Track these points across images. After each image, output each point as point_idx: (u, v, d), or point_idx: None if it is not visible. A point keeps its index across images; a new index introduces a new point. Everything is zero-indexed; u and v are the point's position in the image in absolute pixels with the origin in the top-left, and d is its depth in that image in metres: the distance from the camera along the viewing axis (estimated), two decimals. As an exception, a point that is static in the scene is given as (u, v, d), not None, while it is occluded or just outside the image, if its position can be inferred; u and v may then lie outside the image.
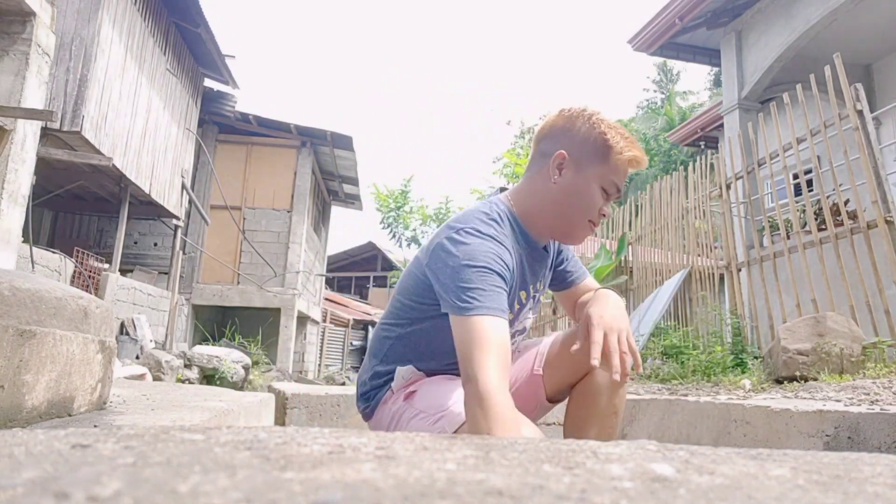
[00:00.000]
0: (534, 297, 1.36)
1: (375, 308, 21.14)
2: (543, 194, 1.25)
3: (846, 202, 4.47)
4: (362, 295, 24.62)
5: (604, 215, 1.24)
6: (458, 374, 1.18)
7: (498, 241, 1.16)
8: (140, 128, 8.45)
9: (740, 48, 7.63)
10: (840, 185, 4.32)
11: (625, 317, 1.20)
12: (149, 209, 9.58)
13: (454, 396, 1.16)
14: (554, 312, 9.66)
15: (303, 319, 13.16)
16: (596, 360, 1.09)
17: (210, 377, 7.48)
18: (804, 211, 4.59)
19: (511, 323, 1.27)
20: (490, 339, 1.02)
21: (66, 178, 8.32)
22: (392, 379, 1.31)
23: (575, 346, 1.16)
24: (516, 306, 1.28)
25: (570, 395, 1.36)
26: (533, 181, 1.28)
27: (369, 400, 1.35)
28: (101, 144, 7.26)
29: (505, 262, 1.14)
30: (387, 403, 1.30)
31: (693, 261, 6.10)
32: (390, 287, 19.27)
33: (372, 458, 0.47)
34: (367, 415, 1.38)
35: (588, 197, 1.22)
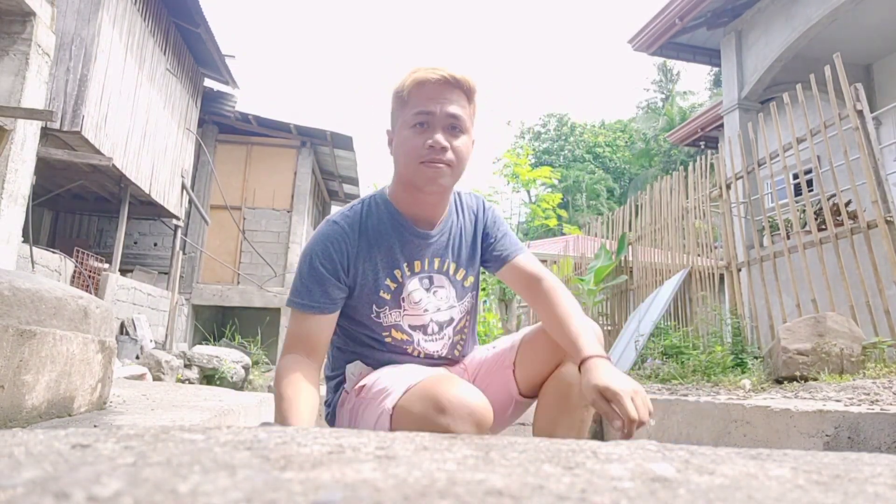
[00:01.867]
0: (427, 275, 1.31)
1: (375, 308, 21.14)
2: (393, 172, 1.29)
3: (846, 202, 4.47)
4: (362, 295, 24.61)
5: (434, 147, 1.17)
6: (403, 360, 1.30)
7: (333, 234, 1.24)
8: (140, 128, 8.45)
9: (740, 48, 7.63)
10: (840, 186, 4.33)
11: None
12: (149, 209, 9.58)
13: (400, 376, 1.19)
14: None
15: (303, 319, 13.16)
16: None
17: (210, 377, 7.48)
18: (804, 211, 4.59)
19: (397, 302, 1.28)
20: (293, 330, 1.23)
21: (66, 178, 8.32)
22: (343, 381, 1.35)
23: (616, 423, 1.05)
24: (391, 284, 1.27)
25: (542, 388, 1.31)
26: None
27: (329, 406, 1.39)
28: (101, 144, 7.27)
29: (330, 251, 1.23)
30: (343, 405, 1.33)
31: (693, 261, 6.10)
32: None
33: (372, 458, 0.47)
34: (330, 422, 1.39)
35: (405, 144, 1.21)
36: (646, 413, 1.05)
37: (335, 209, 16.16)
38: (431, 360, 1.34)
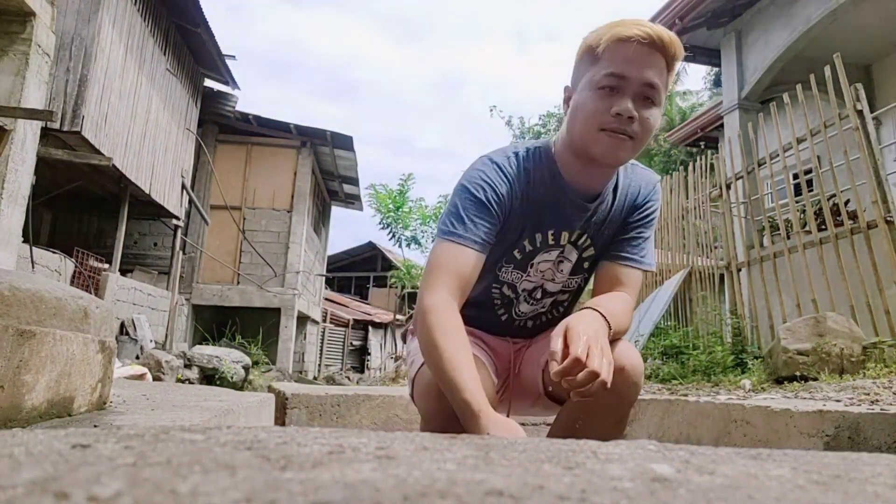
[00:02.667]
0: (561, 247, 1.21)
1: (375, 308, 21.14)
2: (562, 131, 1.16)
3: (846, 202, 4.47)
4: (362, 295, 24.61)
5: (622, 115, 1.03)
6: (480, 316, 1.26)
7: (499, 170, 1.13)
8: (140, 128, 8.45)
9: (740, 48, 7.63)
10: (840, 186, 4.33)
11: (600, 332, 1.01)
12: (149, 209, 9.58)
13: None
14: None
15: (303, 319, 13.16)
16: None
17: (210, 377, 7.48)
18: (804, 211, 4.59)
19: (525, 265, 1.20)
20: (445, 263, 1.07)
21: (66, 178, 8.32)
22: None
23: (553, 365, 0.95)
24: (527, 246, 1.19)
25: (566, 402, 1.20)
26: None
27: (405, 338, 1.41)
28: (100, 144, 7.27)
29: (496, 192, 1.11)
30: (413, 342, 1.31)
31: (693, 261, 6.10)
32: (390, 287, 19.25)
33: (372, 458, 0.47)
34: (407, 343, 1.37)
35: (587, 106, 1.06)
36: (599, 366, 0.91)
37: (335, 209, 16.16)
38: (508, 324, 1.27)
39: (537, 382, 1.25)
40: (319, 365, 15.05)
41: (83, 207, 10.43)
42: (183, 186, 10.06)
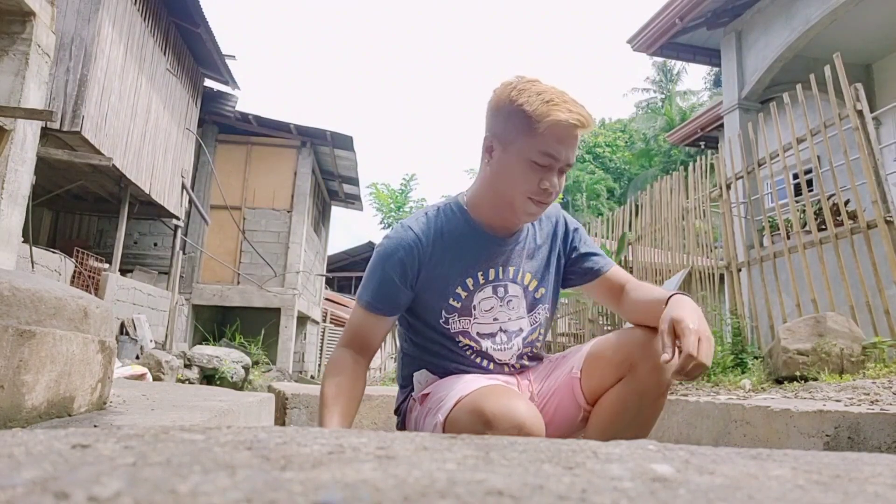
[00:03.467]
0: (494, 283, 1.28)
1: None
2: (482, 180, 1.25)
3: (846, 202, 4.47)
4: (362, 295, 24.59)
5: (548, 191, 1.15)
6: (469, 370, 1.28)
7: (407, 232, 1.24)
8: (140, 128, 8.45)
9: (740, 48, 7.63)
10: (840, 186, 4.32)
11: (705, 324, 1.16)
12: (149, 209, 9.58)
13: (454, 387, 1.18)
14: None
15: (303, 319, 13.16)
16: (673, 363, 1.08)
17: (210, 377, 7.48)
18: (804, 211, 4.59)
19: (468, 310, 1.27)
20: (353, 325, 1.29)
21: (66, 178, 8.32)
22: (412, 389, 1.36)
23: (665, 356, 1.08)
24: (461, 293, 1.26)
25: (602, 397, 1.25)
26: (479, 170, 1.28)
27: (399, 414, 1.41)
28: (101, 144, 7.27)
29: (399, 255, 1.23)
30: (411, 412, 1.34)
31: (693, 261, 6.10)
32: (390, 287, 19.22)
33: (372, 458, 0.47)
34: (400, 429, 1.40)
35: (519, 174, 1.15)
36: (706, 357, 1.07)
37: (335, 209, 16.17)
38: (499, 370, 1.31)
39: (575, 397, 1.27)
40: (319, 365, 15.05)
41: (83, 207, 10.43)
42: (183, 186, 10.06)
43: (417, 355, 1.35)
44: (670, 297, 1.19)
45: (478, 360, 1.30)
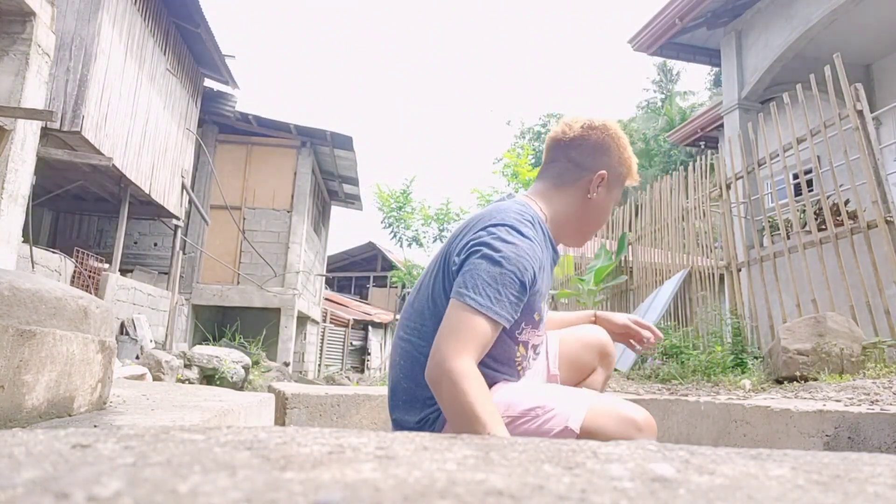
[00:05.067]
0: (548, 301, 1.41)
1: (375, 308, 21.14)
2: (577, 206, 1.32)
3: (846, 202, 4.47)
4: (362, 295, 24.61)
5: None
6: (502, 376, 1.27)
7: (537, 247, 1.20)
8: (140, 128, 8.45)
9: (740, 48, 7.63)
10: (840, 185, 4.32)
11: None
12: (149, 209, 9.58)
13: (560, 398, 1.18)
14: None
15: (303, 319, 13.16)
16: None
17: (210, 377, 7.48)
18: (804, 211, 4.59)
19: (539, 324, 1.31)
20: (476, 334, 1.08)
21: (66, 178, 8.32)
22: None
23: (639, 348, 1.56)
24: (543, 308, 1.32)
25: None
26: (567, 193, 1.32)
27: (433, 424, 1.24)
28: (101, 144, 7.27)
29: (534, 272, 1.17)
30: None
31: (693, 261, 6.10)
32: (390, 287, 19.23)
33: (372, 458, 0.47)
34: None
35: (608, 213, 1.35)
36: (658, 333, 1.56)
37: (335, 209, 16.15)
38: (525, 372, 1.36)
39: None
40: (319, 365, 15.05)
41: (83, 207, 10.43)
42: (183, 186, 10.06)
43: None
44: (596, 315, 1.59)
45: (519, 367, 1.31)
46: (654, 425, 1.13)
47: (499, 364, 1.26)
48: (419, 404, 1.25)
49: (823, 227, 4.33)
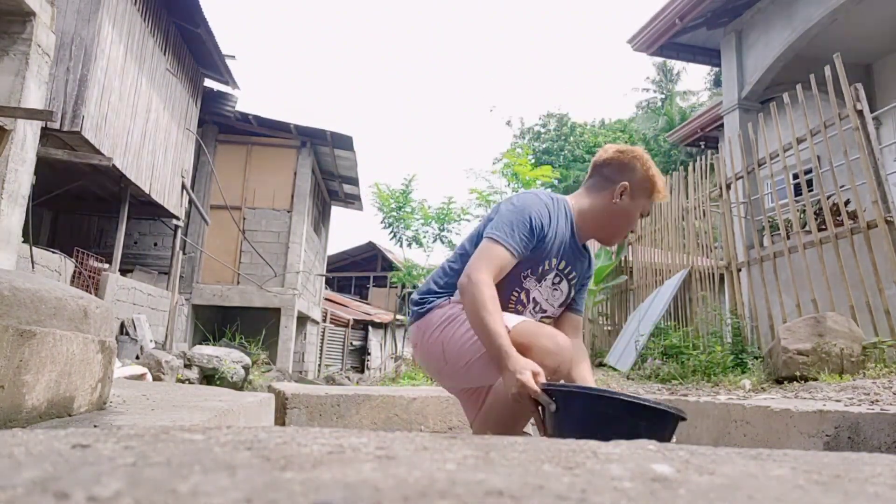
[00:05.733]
0: (560, 272, 1.69)
1: (375, 308, 21.12)
2: (602, 208, 1.69)
3: (846, 202, 4.47)
4: (362, 295, 24.60)
5: (633, 231, 1.62)
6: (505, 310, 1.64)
7: (546, 206, 1.62)
8: (140, 128, 8.45)
9: (740, 48, 7.63)
10: (840, 186, 4.32)
11: None
12: (149, 209, 9.57)
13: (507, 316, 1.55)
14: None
15: (303, 319, 13.16)
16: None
17: (210, 377, 7.48)
18: (804, 211, 4.59)
19: (541, 279, 1.66)
20: (494, 257, 1.53)
21: (66, 178, 8.31)
22: (451, 295, 1.67)
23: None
24: (547, 264, 1.65)
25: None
26: (595, 196, 1.72)
27: (423, 304, 1.70)
28: (101, 144, 7.26)
29: (542, 221, 1.59)
30: (442, 307, 1.65)
31: (693, 261, 6.10)
32: (390, 287, 19.23)
33: (372, 458, 0.47)
34: (418, 315, 1.71)
35: (633, 218, 1.69)
36: None
37: (335, 209, 16.15)
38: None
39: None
40: (319, 365, 15.05)
41: (83, 207, 10.42)
42: (183, 186, 10.06)
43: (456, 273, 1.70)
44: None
45: (512, 307, 1.66)
46: (564, 355, 1.45)
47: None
48: (426, 290, 1.73)
49: (823, 227, 4.33)
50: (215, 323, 12.07)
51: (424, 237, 11.42)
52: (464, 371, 1.56)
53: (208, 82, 10.98)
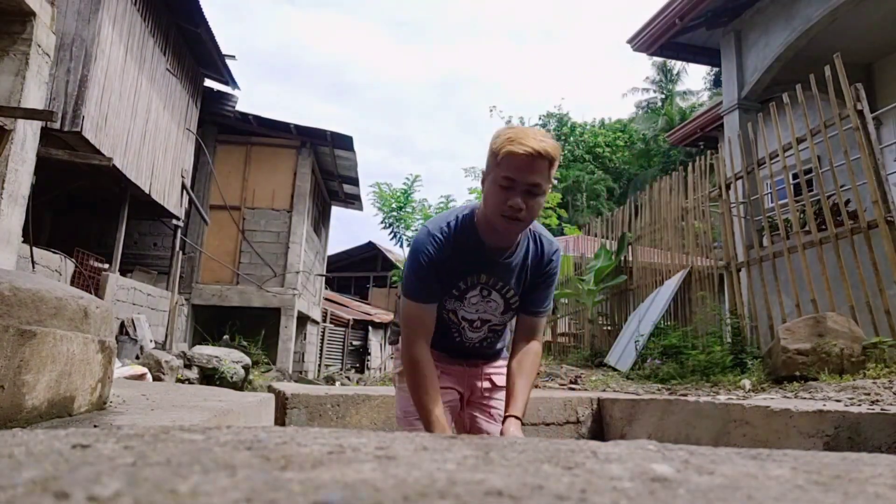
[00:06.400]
0: (486, 285, 1.62)
1: (375, 308, 21.13)
2: (481, 204, 1.57)
3: (846, 202, 4.47)
4: (362, 295, 24.60)
5: (513, 208, 1.43)
6: (445, 340, 1.68)
7: (436, 235, 1.56)
8: (140, 128, 8.45)
9: (740, 48, 7.63)
10: (840, 186, 4.32)
11: None
12: (149, 209, 9.57)
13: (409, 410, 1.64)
14: (553, 312, 9.66)
15: (303, 319, 13.15)
16: None
17: (210, 377, 7.48)
18: (804, 211, 4.59)
19: (461, 299, 1.63)
20: (419, 320, 1.56)
21: (66, 178, 8.31)
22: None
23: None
24: (462, 285, 1.61)
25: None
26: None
27: (394, 334, 1.78)
28: (101, 145, 7.26)
29: (434, 255, 1.54)
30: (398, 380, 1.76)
31: (693, 261, 6.10)
32: (390, 287, 19.24)
33: (372, 458, 0.47)
34: (392, 342, 1.80)
35: (493, 196, 1.47)
36: None
37: (335, 209, 16.17)
38: (465, 342, 1.71)
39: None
40: (319, 365, 15.04)
41: (83, 207, 10.43)
42: (183, 186, 10.06)
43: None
44: (506, 416, 1.57)
45: (454, 334, 1.69)
46: None
47: (438, 332, 1.63)
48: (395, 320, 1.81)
49: (823, 227, 4.33)
50: (215, 323, 12.07)
51: (424, 237, 11.42)
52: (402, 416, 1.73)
53: (208, 82, 10.99)
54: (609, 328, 7.62)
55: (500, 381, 1.76)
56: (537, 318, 1.69)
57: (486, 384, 1.78)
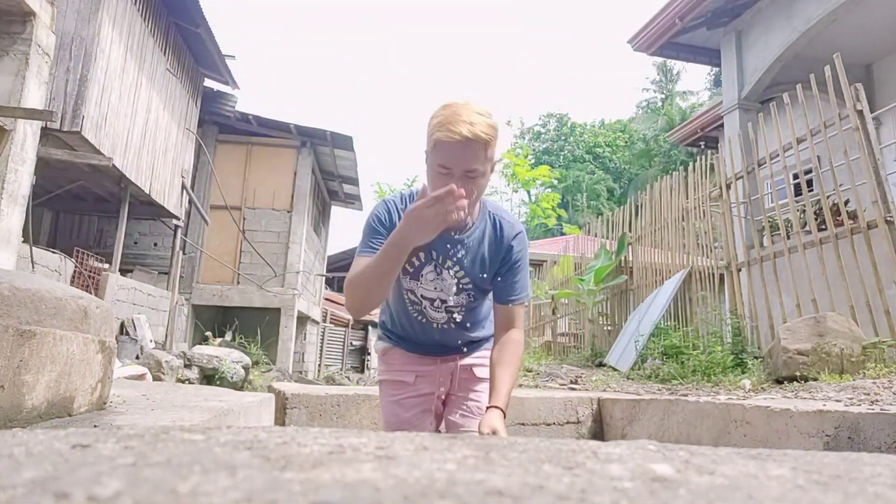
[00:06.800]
0: (438, 263, 1.59)
1: (375, 308, 21.10)
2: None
3: (846, 202, 4.47)
4: (362, 295, 24.58)
5: (464, 204, 1.37)
6: (415, 322, 1.69)
7: (388, 205, 1.58)
8: (140, 128, 8.45)
9: (740, 48, 7.63)
10: (840, 185, 4.32)
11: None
12: (149, 209, 9.57)
13: (391, 413, 1.74)
14: (553, 312, 9.65)
15: (303, 319, 13.16)
16: None
17: (210, 377, 7.48)
18: (804, 211, 4.59)
19: (416, 276, 1.61)
20: (358, 266, 1.50)
21: (66, 178, 8.32)
22: (388, 336, 1.79)
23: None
24: (414, 261, 1.58)
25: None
26: None
27: (380, 332, 1.84)
28: (101, 144, 7.26)
29: (385, 216, 1.55)
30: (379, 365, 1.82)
31: (693, 261, 6.10)
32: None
33: (372, 458, 0.47)
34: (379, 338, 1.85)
35: (432, 182, 1.43)
36: None
37: (336, 209, 16.19)
38: (432, 322, 1.67)
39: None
40: (319, 365, 15.04)
41: (83, 207, 10.43)
42: (183, 186, 10.06)
43: (390, 302, 1.74)
44: (489, 406, 1.50)
45: (416, 315, 1.67)
46: None
47: (396, 312, 1.69)
48: (379, 321, 1.85)
49: (823, 227, 4.33)
50: (215, 323, 12.07)
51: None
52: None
53: (208, 82, 10.99)
54: (609, 328, 7.62)
55: (481, 372, 1.71)
56: (512, 307, 1.63)
57: (465, 375, 1.73)
